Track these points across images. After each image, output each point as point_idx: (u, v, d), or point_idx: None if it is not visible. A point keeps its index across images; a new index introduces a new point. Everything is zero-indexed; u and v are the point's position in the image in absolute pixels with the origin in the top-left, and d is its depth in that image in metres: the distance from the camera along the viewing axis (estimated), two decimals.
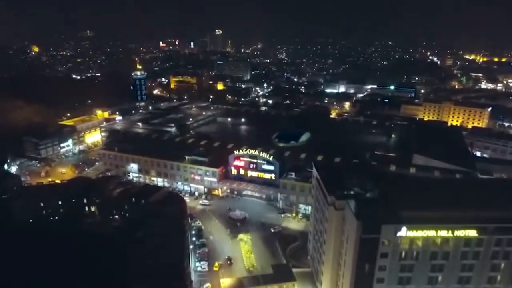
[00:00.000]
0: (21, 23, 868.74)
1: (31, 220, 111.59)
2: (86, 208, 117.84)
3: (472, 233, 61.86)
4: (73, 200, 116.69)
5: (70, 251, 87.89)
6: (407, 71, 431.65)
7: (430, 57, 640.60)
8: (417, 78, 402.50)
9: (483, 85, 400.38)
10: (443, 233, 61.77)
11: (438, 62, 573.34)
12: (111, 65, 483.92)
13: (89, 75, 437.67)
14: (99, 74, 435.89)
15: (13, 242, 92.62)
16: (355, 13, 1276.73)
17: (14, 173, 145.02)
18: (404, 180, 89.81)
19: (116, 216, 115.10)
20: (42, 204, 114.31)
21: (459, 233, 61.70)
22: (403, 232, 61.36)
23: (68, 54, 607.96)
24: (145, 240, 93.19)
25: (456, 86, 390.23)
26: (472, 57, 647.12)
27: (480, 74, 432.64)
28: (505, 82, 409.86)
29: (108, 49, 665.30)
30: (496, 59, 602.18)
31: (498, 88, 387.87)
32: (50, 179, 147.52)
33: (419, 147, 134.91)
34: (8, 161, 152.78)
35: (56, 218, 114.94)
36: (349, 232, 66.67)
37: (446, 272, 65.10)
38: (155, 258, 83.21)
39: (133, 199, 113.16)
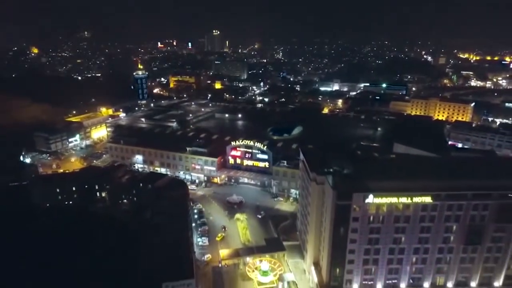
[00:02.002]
0: (19, 24, 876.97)
1: (48, 204, 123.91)
2: (98, 194, 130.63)
3: (427, 199, 74.25)
4: (86, 187, 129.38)
5: (84, 231, 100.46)
6: (400, 70, 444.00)
7: (425, 56, 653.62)
8: (409, 77, 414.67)
9: (473, 83, 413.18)
10: (404, 199, 74.17)
11: (432, 60, 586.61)
12: (111, 66, 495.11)
13: (89, 75, 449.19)
14: (99, 75, 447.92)
15: (34, 222, 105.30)
16: (353, 13, 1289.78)
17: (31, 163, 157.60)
18: (376, 160, 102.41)
19: (125, 201, 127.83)
20: (58, 190, 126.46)
21: (417, 199, 74.09)
22: (371, 199, 73.80)
23: (67, 55, 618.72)
24: (152, 219, 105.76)
25: (448, 84, 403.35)
26: (466, 56, 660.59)
27: (471, 72, 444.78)
28: (494, 80, 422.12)
29: (107, 50, 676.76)
30: (488, 58, 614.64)
31: (487, 85, 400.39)
32: (61, 171, 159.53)
33: (400, 137, 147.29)
34: (23, 153, 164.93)
35: (71, 202, 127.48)
36: (327, 201, 79.09)
37: (407, 234, 77.43)
38: (162, 233, 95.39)
39: (140, 185, 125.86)
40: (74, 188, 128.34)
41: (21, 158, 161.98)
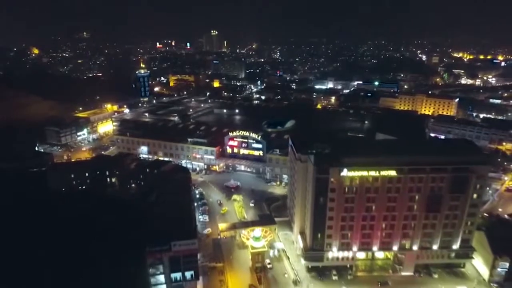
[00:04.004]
0: (18, 25, 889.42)
1: (63, 189, 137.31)
2: (108, 179, 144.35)
3: (392, 173, 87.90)
4: (97, 173, 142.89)
5: (98, 211, 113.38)
6: (394, 68, 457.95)
7: (420, 55, 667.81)
8: (402, 75, 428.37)
9: (463, 81, 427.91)
10: (373, 173, 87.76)
11: (426, 60, 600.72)
12: (111, 66, 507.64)
13: (91, 75, 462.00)
14: (100, 74, 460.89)
15: (52, 205, 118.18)
16: (351, 12, 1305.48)
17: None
18: (352, 141, 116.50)
19: (133, 185, 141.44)
20: (72, 176, 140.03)
21: (384, 173, 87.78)
22: (345, 172, 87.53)
23: (67, 55, 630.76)
24: (158, 199, 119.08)
25: (439, 82, 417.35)
26: (460, 55, 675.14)
27: (462, 71, 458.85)
28: (484, 78, 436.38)
29: (106, 50, 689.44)
30: (481, 57, 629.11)
31: (477, 83, 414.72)
32: (73, 160, 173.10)
33: (384, 129, 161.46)
34: (37, 145, 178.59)
35: (84, 187, 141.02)
36: (310, 176, 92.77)
37: (377, 203, 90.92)
38: (169, 208, 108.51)
39: (147, 170, 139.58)
40: (87, 174, 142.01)
41: (36, 148, 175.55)
